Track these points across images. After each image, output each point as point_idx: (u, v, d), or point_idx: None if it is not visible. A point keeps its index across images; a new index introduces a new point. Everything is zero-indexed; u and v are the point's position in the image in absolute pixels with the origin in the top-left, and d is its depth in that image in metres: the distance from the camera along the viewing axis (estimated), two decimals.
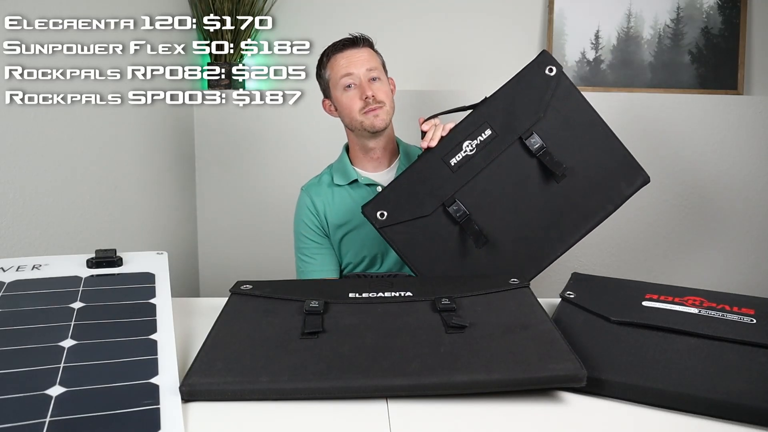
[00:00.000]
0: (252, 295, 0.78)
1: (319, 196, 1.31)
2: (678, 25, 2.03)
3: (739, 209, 2.00)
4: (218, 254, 2.07)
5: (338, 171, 1.33)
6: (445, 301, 0.74)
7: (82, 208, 1.33)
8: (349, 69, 1.22)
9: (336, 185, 1.31)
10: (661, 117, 1.96)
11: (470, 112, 1.03)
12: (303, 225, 1.31)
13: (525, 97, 1.01)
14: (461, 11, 2.05)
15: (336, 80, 1.24)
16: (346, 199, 1.30)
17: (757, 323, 0.70)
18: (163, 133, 1.77)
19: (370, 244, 1.28)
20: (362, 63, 1.23)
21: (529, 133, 0.99)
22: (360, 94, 1.22)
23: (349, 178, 1.30)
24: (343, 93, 1.24)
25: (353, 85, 1.23)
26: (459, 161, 1.00)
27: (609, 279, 0.89)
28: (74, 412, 0.51)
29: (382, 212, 1.00)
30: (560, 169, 0.98)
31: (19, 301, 0.71)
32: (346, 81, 1.23)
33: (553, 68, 1.01)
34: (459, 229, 0.99)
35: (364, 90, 1.21)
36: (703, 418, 0.58)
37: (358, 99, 1.22)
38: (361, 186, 1.30)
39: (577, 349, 0.64)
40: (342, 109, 1.26)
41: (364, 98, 1.21)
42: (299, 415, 0.57)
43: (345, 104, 1.24)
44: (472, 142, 1.00)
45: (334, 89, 1.26)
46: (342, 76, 1.23)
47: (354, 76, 1.22)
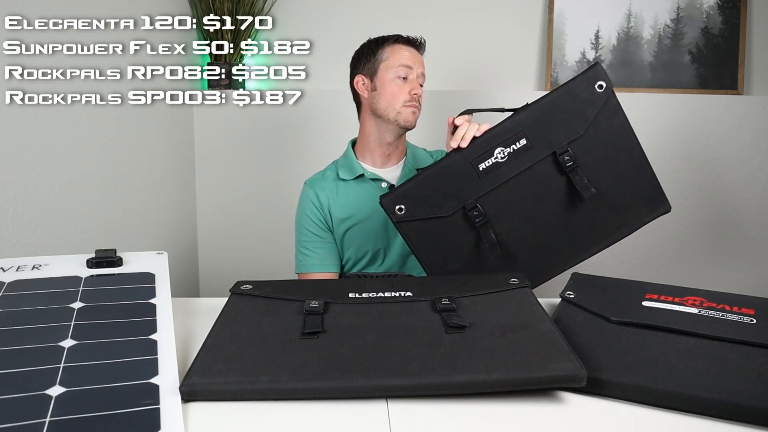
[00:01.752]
0: (252, 295, 0.78)
1: (324, 190, 1.32)
2: (678, 25, 2.03)
3: (739, 209, 2.00)
4: (218, 254, 2.07)
5: (344, 166, 1.34)
6: (445, 301, 0.73)
7: (82, 208, 1.33)
8: (411, 62, 1.28)
9: (341, 180, 1.32)
10: (661, 117, 1.96)
11: (508, 116, 0.98)
12: (306, 218, 1.32)
13: (568, 111, 0.96)
14: (461, 11, 2.06)
15: (394, 65, 1.28)
16: (351, 193, 1.31)
17: (757, 323, 0.70)
18: (163, 133, 1.77)
19: (373, 240, 1.28)
20: (421, 65, 1.31)
21: (564, 149, 0.95)
22: (410, 88, 1.27)
23: (354, 173, 1.31)
24: (395, 79, 1.27)
25: (407, 78, 1.27)
26: (487, 167, 0.96)
27: (609, 279, 0.89)
28: (74, 412, 0.51)
29: (400, 207, 0.97)
30: (588, 192, 0.95)
31: (19, 301, 0.71)
32: (403, 72, 1.27)
33: (603, 84, 0.95)
34: (475, 234, 0.97)
35: (414, 86, 1.28)
36: (703, 418, 0.58)
37: (406, 92, 1.27)
38: (366, 181, 1.31)
39: (577, 349, 0.64)
40: (386, 93, 1.28)
41: (413, 93, 1.27)
42: (299, 415, 0.57)
43: (393, 91, 1.27)
44: (505, 150, 0.96)
45: (386, 71, 1.28)
46: (402, 65, 1.27)
47: (412, 71, 1.28)
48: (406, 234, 0.99)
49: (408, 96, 1.27)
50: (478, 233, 0.97)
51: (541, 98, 0.97)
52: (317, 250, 1.31)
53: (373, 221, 1.28)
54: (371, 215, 1.28)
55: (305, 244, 1.32)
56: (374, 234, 1.28)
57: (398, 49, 1.29)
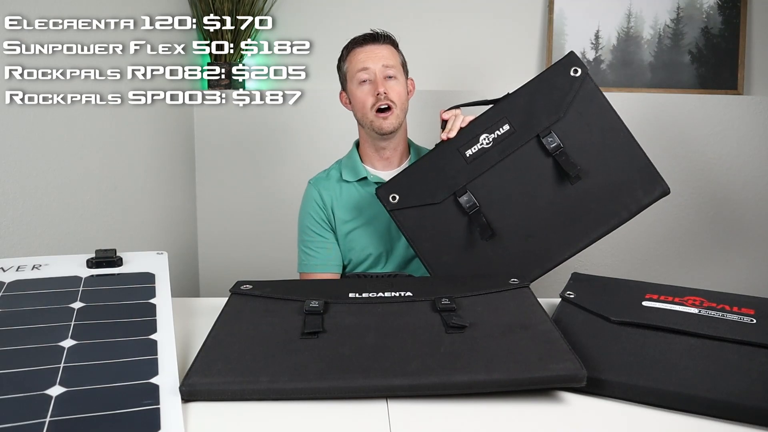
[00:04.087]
0: (252, 295, 0.78)
1: (327, 190, 1.30)
2: (678, 25, 2.03)
3: (739, 209, 2.00)
4: (218, 254, 2.07)
5: (347, 167, 1.32)
6: (445, 301, 0.73)
7: (82, 208, 1.33)
8: (366, 63, 1.22)
9: (344, 181, 1.30)
10: (661, 117, 1.96)
11: (491, 107, 1.03)
12: (309, 217, 1.31)
13: (546, 96, 1.00)
14: (461, 11, 2.05)
15: (353, 73, 1.24)
16: (354, 195, 1.29)
17: (757, 323, 0.70)
18: (163, 133, 1.77)
19: (376, 242, 1.27)
20: (380, 59, 1.22)
21: (547, 132, 0.99)
22: (373, 90, 1.21)
23: (358, 175, 1.30)
24: (357, 87, 1.24)
25: (368, 80, 1.22)
26: (474, 153, 1.00)
27: (609, 279, 0.89)
28: (74, 412, 0.51)
29: (393, 195, 1.01)
30: (574, 171, 0.98)
31: (19, 301, 0.71)
32: (362, 75, 1.22)
33: (578, 69, 1.00)
34: (467, 220, 0.99)
35: (377, 86, 1.21)
36: (703, 418, 0.58)
37: (371, 95, 1.22)
38: (369, 184, 1.29)
39: (577, 349, 0.64)
40: (355, 103, 1.26)
41: (376, 94, 1.21)
42: (299, 415, 0.57)
43: (358, 98, 1.24)
44: (489, 136, 1.00)
45: (350, 82, 1.26)
46: (358, 70, 1.22)
47: (370, 71, 1.22)
48: (400, 222, 1.02)
49: (373, 99, 1.21)
50: (471, 220, 0.99)
51: (521, 87, 1.02)
52: (320, 250, 1.30)
53: (375, 224, 1.27)
54: (374, 218, 1.26)
55: (308, 244, 1.31)
56: (377, 237, 1.27)
57: (354, 54, 1.24)
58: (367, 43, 1.24)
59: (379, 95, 1.20)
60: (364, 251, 1.29)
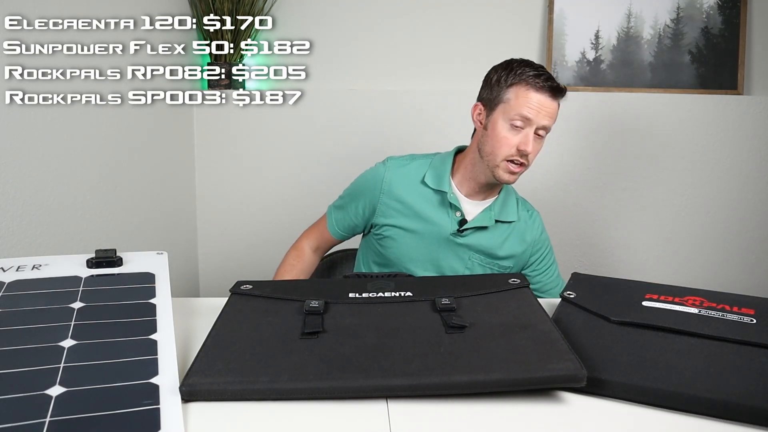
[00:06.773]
0: (252, 295, 0.78)
1: (399, 182, 1.24)
2: (678, 25, 2.03)
3: (739, 209, 2.00)
4: (218, 254, 2.07)
5: (433, 171, 1.25)
6: (445, 301, 0.73)
7: (82, 208, 1.33)
8: (532, 114, 1.13)
9: (423, 183, 1.24)
10: (661, 117, 1.96)
11: None
12: (359, 190, 1.29)
13: None
14: (461, 11, 2.05)
15: (512, 112, 1.14)
16: (422, 201, 1.23)
17: (757, 323, 0.70)
18: (163, 133, 1.77)
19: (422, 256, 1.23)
20: (546, 117, 1.14)
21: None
22: (520, 142, 1.14)
23: (439, 186, 1.23)
24: (507, 127, 1.15)
25: (522, 129, 1.14)
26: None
27: (609, 279, 0.89)
28: (74, 412, 0.51)
29: None
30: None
31: (19, 301, 0.71)
32: (519, 122, 1.14)
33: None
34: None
35: (527, 142, 1.14)
36: (703, 418, 0.58)
37: (514, 146, 1.14)
38: (444, 201, 1.23)
39: (577, 349, 0.64)
40: (493, 138, 1.17)
41: (520, 149, 1.14)
42: (299, 415, 0.57)
43: (500, 138, 1.15)
44: None
45: (501, 114, 1.16)
46: (521, 116, 1.13)
47: (531, 123, 1.14)
48: None
49: (513, 151, 1.14)
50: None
51: None
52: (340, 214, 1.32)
53: (426, 238, 1.22)
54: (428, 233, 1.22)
55: (337, 204, 1.33)
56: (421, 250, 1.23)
57: (528, 93, 1.13)
58: (545, 92, 1.13)
59: (522, 152, 1.14)
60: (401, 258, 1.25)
